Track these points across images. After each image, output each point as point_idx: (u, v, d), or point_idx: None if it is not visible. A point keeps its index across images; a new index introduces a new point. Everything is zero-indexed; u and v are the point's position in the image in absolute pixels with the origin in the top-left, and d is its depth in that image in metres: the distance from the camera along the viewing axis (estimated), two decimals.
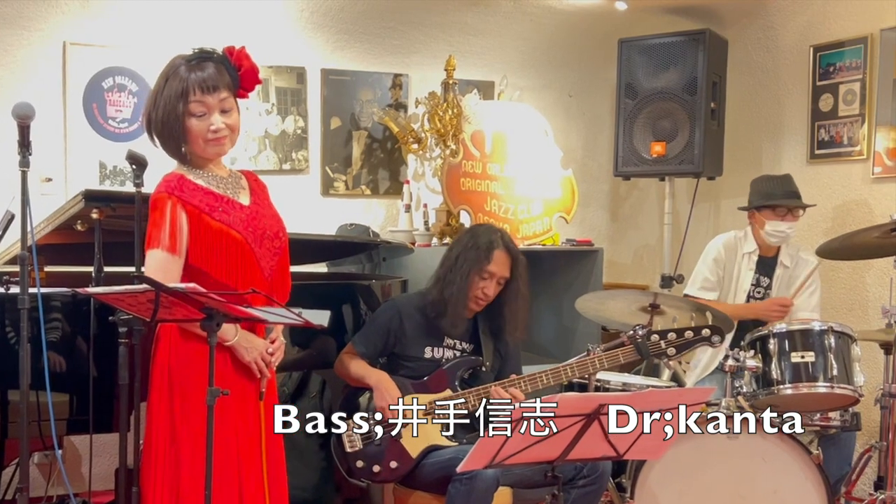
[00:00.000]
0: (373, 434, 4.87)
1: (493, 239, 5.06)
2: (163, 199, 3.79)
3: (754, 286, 6.28)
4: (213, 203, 3.86)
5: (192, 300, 3.30)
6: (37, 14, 6.49)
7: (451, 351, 5.16)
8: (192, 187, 3.85)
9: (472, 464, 3.60)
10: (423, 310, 5.14)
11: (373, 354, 5.14)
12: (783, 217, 6.15)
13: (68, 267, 5.49)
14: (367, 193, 7.78)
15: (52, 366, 4.32)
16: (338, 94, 7.61)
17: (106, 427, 4.55)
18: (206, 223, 3.81)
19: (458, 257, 5.07)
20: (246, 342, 3.87)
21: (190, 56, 3.88)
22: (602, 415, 3.51)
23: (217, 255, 3.83)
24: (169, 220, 3.76)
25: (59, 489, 5.86)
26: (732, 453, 5.00)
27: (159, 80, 3.87)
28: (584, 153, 8.72)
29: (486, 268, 4.99)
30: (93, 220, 4.56)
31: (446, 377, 5.06)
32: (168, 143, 3.89)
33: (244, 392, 3.93)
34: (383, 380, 4.98)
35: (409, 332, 5.14)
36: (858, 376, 5.30)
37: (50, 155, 6.52)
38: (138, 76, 6.78)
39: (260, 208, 4.03)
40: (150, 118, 3.87)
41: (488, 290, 5.03)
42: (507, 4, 7.82)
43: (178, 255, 3.77)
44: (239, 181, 4.07)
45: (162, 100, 3.82)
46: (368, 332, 5.21)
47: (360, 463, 4.88)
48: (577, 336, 7.09)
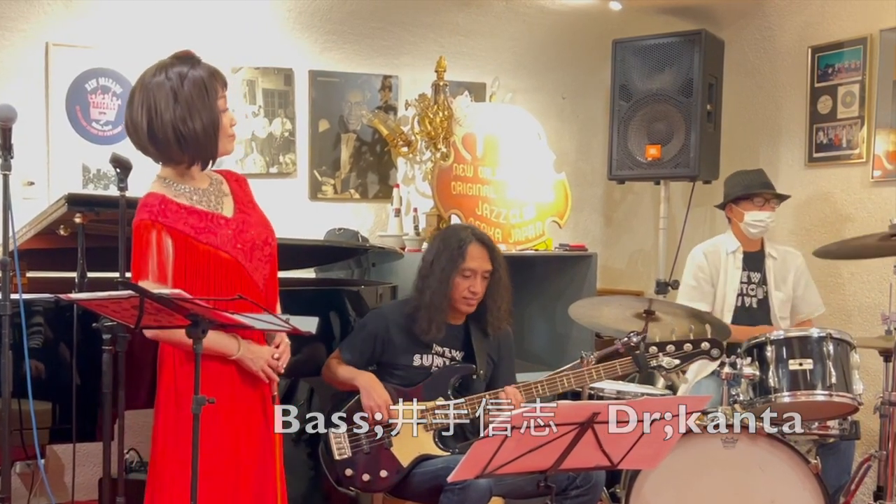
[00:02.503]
0: (363, 440, 4.87)
1: (463, 236, 5.09)
2: (147, 227, 3.77)
3: (745, 283, 6.34)
4: (197, 224, 3.85)
5: (177, 306, 3.30)
6: (18, 14, 6.47)
7: (440, 358, 5.16)
8: (175, 209, 3.83)
9: (464, 473, 3.60)
10: (407, 318, 5.15)
11: (359, 362, 5.13)
12: (762, 207, 6.30)
13: (51, 272, 5.49)
14: (356, 197, 7.77)
15: (34, 373, 4.29)
16: (326, 95, 7.60)
17: (89, 436, 4.55)
18: (193, 247, 3.82)
19: (432, 262, 5.11)
20: (250, 353, 3.89)
21: (180, 57, 3.89)
22: (596, 423, 3.52)
23: (206, 277, 3.84)
24: (155, 249, 3.76)
25: (42, 499, 5.85)
26: (729, 463, 5.01)
27: (159, 91, 3.79)
28: (577, 156, 8.71)
29: (464, 266, 5.01)
30: (76, 224, 4.56)
31: (439, 384, 5.06)
32: (205, 149, 3.88)
33: (253, 398, 3.96)
34: (371, 381, 4.99)
35: (397, 340, 5.15)
36: (858, 384, 5.30)
37: (32, 158, 6.49)
38: (122, 78, 6.75)
39: (246, 216, 4.03)
40: (176, 126, 3.78)
41: (475, 287, 5.05)
42: (499, 5, 7.82)
43: (167, 285, 3.74)
44: (220, 187, 4.06)
45: (191, 101, 3.79)
46: (355, 340, 5.22)
47: (349, 471, 4.88)
48: (571, 343, 7.10)
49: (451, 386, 5.08)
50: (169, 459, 3.84)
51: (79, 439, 4.50)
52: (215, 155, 3.93)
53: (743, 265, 6.36)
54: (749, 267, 6.35)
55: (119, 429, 4.18)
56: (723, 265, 6.36)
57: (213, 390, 3.59)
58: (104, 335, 4.09)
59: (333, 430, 4.89)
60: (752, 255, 6.41)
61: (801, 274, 6.39)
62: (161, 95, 3.79)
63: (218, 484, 3.80)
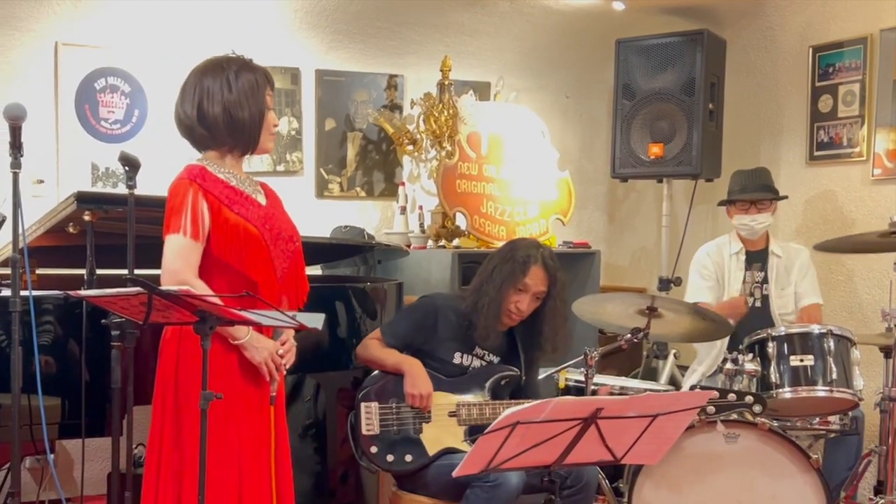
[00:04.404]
0: (393, 420, 4.85)
1: (532, 253, 5.01)
2: (184, 185, 3.82)
3: (748, 283, 6.35)
4: (232, 196, 3.90)
5: (185, 303, 3.30)
6: (28, 14, 6.47)
7: (479, 361, 5.11)
8: (213, 179, 3.89)
9: (468, 468, 3.59)
10: (459, 315, 5.12)
11: (400, 347, 5.07)
12: (746, 210, 6.36)
13: (60, 269, 5.49)
14: (362, 195, 7.78)
15: (43, 369, 4.29)
16: (332, 95, 7.61)
17: (98, 431, 4.54)
18: (225, 215, 3.85)
19: (494, 269, 5.03)
20: (257, 342, 3.88)
21: (239, 59, 4.02)
22: (599, 419, 3.51)
23: (236, 247, 3.85)
24: (190, 205, 3.79)
25: (51, 494, 5.84)
26: (730, 457, 4.99)
27: (214, 79, 3.92)
28: (580, 154, 8.72)
29: (521, 281, 4.95)
30: (85, 222, 4.55)
31: (477, 381, 5.04)
32: (249, 135, 3.97)
33: (252, 396, 3.94)
34: (418, 368, 4.94)
35: (442, 332, 5.10)
36: (858, 380, 5.30)
37: (42, 156, 6.50)
38: (131, 77, 6.76)
39: (275, 211, 4.08)
40: (227, 108, 3.90)
41: (522, 304, 4.97)
42: (504, 5, 7.83)
43: (199, 242, 3.80)
44: (255, 185, 4.11)
45: (242, 91, 3.91)
46: (400, 325, 5.17)
47: (373, 448, 4.83)
48: (574, 339, 7.05)
49: (490, 387, 5.04)
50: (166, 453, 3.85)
51: (88, 434, 4.49)
52: (256, 145, 4.00)
53: (746, 265, 6.41)
54: (752, 266, 6.38)
55: (127, 424, 4.16)
56: (726, 265, 6.40)
57: (213, 385, 3.58)
58: (113, 331, 4.08)
59: (365, 404, 4.88)
60: (756, 253, 6.43)
61: (804, 266, 6.40)
62: (216, 81, 3.92)
63: (220, 478, 3.81)
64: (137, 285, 3.23)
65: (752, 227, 6.33)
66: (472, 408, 4.89)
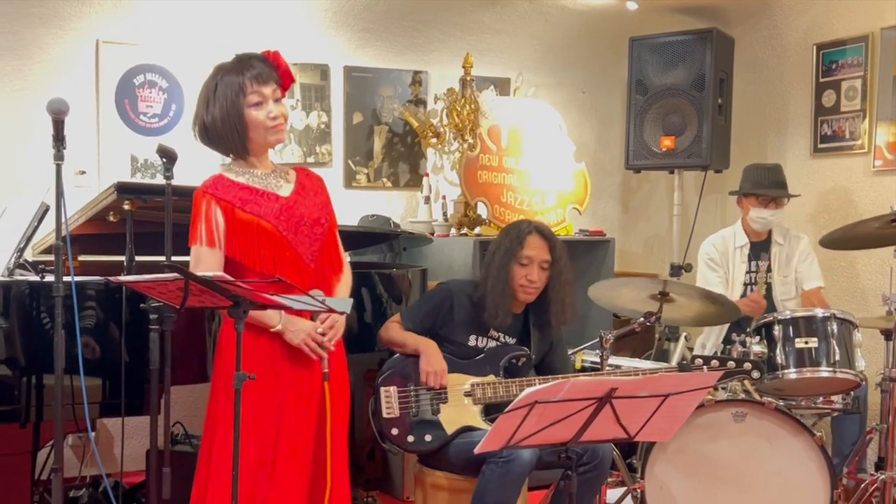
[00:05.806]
0: (412, 402, 4.82)
1: (524, 227, 4.99)
2: (198, 197, 3.89)
3: (752, 273, 6.36)
4: (245, 197, 3.89)
5: (219, 288, 3.29)
6: (71, 13, 6.50)
7: (494, 342, 5.06)
8: (228, 184, 3.91)
9: (489, 445, 3.58)
10: (473, 299, 5.08)
11: (418, 331, 5.03)
12: (766, 205, 6.32)
13: (101, 256, 5.49)
14: (388, 186, 7.77)
15: (85, 351, 4.31)
16: (360, 90, 7.60)
17: (137, 410, 4.54)
18: (237, 216, 3.86)
19: (494, 252, 5.00)
20: (291, 325, 3.86)
21: (234, 59, 3.96)
22: (614, 398, 3.49)
23: (250, 245, 3.86)
24: (204, 216, 3.84)
25: (93, 470, 5.85)
26: (738, 435, 4.98)
27: (207, 86, 3.94)
28: (596, 147, 8.69)
29: (521, 253, 4.90)
30: (124, 211, 4.57)
31: (492, 361, 5.00)
32: (229, 140, 3.93)
33: (302, 378, 3.94)
34: (432, 348, 4.91)
35: (458, 316, 5.06)
36: (860, 361, 5.31)
37: (83, 149, 6.52)
38: (168, 73, 6.78)
39: (301, 198, 4.04)
40: (203, 122, 3.92)
41: (532, 275, 4.91)
42: (523, 4, 7.82)
43: (216, 248, 3.84)
44: (286, 175, 4.10)
45: (217, 100, 3.88)
46: (419, 311, 5.14)
47: (394, 430, 4.80)
48: (590, 323, 7.05)
49: (503, 367, 5.02)
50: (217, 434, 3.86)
51: (127, 413, 4.49)
52: (245, 146, 3.94)
53: (749, 257, 6.41)
54: (756, 257, 6.37)
55: (165, 403, 4.15)
56: (731, 257, 6.40)
57: (255, 366, 3.58)
58: (151, 315, 4.07)
59: (384, 388, 4.86)
60: (759, 244, 6.44)
61: (804, 252, 6.42)
62: (203, 93, 3.96)
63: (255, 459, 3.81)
64: (174, 271, 3.22)
65: (769, 221, 6.33)
66: (486, 387, 4.85)
